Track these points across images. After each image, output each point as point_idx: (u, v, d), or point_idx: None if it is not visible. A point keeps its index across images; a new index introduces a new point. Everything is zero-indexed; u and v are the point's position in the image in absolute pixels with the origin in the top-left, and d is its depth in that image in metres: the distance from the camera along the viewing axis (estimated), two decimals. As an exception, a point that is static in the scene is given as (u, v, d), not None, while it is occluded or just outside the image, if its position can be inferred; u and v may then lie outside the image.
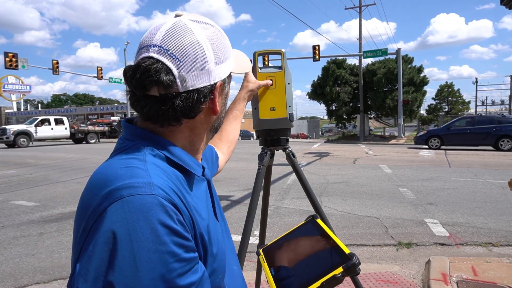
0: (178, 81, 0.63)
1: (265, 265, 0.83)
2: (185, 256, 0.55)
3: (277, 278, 0.76)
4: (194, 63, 0.64)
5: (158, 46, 0.63)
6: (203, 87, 0.66)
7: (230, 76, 0.74)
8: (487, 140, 15.43)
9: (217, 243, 0.67)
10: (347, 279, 2.93)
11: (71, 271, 0.54)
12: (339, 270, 0.66)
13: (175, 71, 0.63)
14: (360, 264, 0.68)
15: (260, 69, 1.85)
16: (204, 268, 0.60)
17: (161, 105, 0.63)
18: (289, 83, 1.82)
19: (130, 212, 0.53)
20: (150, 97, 0.63)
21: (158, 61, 0.62)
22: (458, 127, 16.41)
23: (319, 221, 0.87)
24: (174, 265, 0.53)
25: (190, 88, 0.64)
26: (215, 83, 0.68)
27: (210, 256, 0.64)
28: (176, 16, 0.68)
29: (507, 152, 14.56)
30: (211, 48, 0.67)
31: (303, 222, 0.92)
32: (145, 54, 0.64)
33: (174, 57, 0.63)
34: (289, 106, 1.83)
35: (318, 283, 0.66)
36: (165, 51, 0.63)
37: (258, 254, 0.91)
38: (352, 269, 0.66)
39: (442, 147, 16.40)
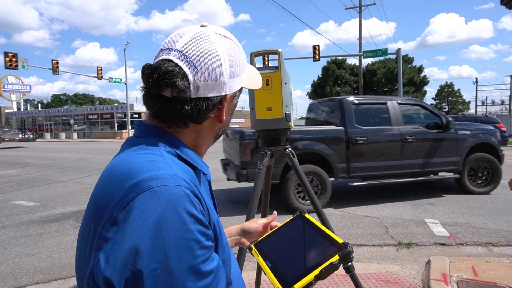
0: (191, 87, 0.66)
1: (259, 258, 0.85)
2: (206, 243, 0.58)
3: (274, 269, 0.78)
4: (210, 74, 0.68)
5: (179, 52, 0.67)
6: (214, 97, 0.69)
7: (241, 89, 0.78)
8: None
9: (226, 239, 0.71)
10: (347, 279, 2.92)
11: (92, 262, 0.56)
12: (336, 258, 0.70)
13: (190, 77, 0.66)
14: (353, 252, 0.73)
15: (256, 70, 1.85)
16: (218, 257, 0.63)
17: (172, 106, 0.67)
18: (286, 83, 1.82)
19: (159, 202, 0.55)
20: (162, 97, 0.67)
21: (176, 65, 0.66)
22: None
23: (308, 216, 0.90)
24: (198, 252, 0.56)
25: (201, 96, 0.68)
26: (226, 95, 0.71)
27: (221, 247, 0.66)
28: (201, 26, 0.72)
29: (507, 152, 14.55)
30: (228, 62, 0.70)
31: (291, 217, 0.94)
32: (166, 57, 0.67)
33: (192, 64, 0.66)
34: (286, 106, 1.83)
35: (317, 270, 0.69)
36: (185, 57, 0.67)
37: (250, 249, 0.92)
38: (347, 257, 0.71)
39: None
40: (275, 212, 1.10)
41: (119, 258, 0.53)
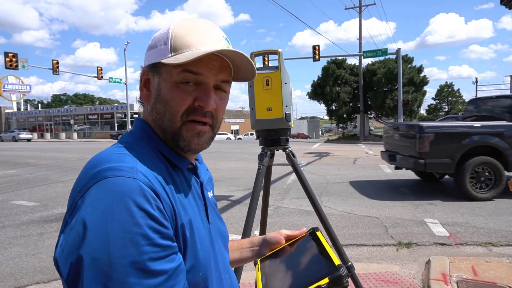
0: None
1: (258, 274, 0.83)
2: (160, 242, 0.56)
3: (266, 286, 0.76)
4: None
5: None
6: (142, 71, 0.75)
7: (166, 70, 0.68)
8: None
9: (202, 242, 0.67)
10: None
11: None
12: (325, 280, 0.65)
13: None
14: (348, 276, 0.67)
15: (257, 70, 1.85)
16: (181, 260, 0.60)
17: None
18: (286, 83, 1.82)
19: (110, 191, 0.56)
20: None
21: None
22: None
23: (318, 233, 0.86)
24: (146, 248, 0.54)
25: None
26: (144, 68, 0.73)
27: (191, 251, 0.64)
28: None
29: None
30: (153, 38, 0.74)
31: (304, 234, 0.90)
32: None
33: None
34: (286, 106, 1.83)
35: None
36: None
37: (255, 263, 0.89)
38: (338, 280, 0.64)
39: None
40: (304, 229, 0.95)
41: (68, 242, 0.54)
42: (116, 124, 41.59)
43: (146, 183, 0.58)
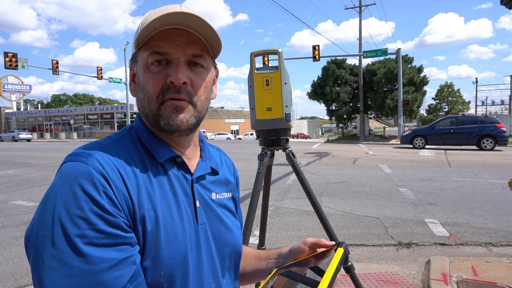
0: None
1: (265, 281, 0.79)
2: (105, 229, 0.56)
3: None
4: None
5: None
6: None
7: (139, 56, 0.71)
8: (470, 140, 15.55)
9: (170, 240, 0.64)
10: (347, 279, 2.91)
11: None
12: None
13: None
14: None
15: (257, 70, 1.84)
16: (136, 253, 0.59)
17: None
18: (286, 83, 1.82)
19: (62, 175, 0.59)
20: None
21: None
22: (442, 127, 16.51)
23: (338, 250, 0.75)
24: (88, 232, 0.55)
25: None
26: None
27: (152, 246, 0.62)
28: None
29: (507, 152, 14.56)
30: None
31: (331, 247, 0.79)
32: None
33: None
34: (286, 106, 1.83)
35: None
36: None
37: (269, 272, 0.79)
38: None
39: (427, 146, 16.55)
40: (333, 242, 0.84)
41: (33, 218, 0.59)
42: (116, 124, 41.55)
43: (97, 169, 0.59)
